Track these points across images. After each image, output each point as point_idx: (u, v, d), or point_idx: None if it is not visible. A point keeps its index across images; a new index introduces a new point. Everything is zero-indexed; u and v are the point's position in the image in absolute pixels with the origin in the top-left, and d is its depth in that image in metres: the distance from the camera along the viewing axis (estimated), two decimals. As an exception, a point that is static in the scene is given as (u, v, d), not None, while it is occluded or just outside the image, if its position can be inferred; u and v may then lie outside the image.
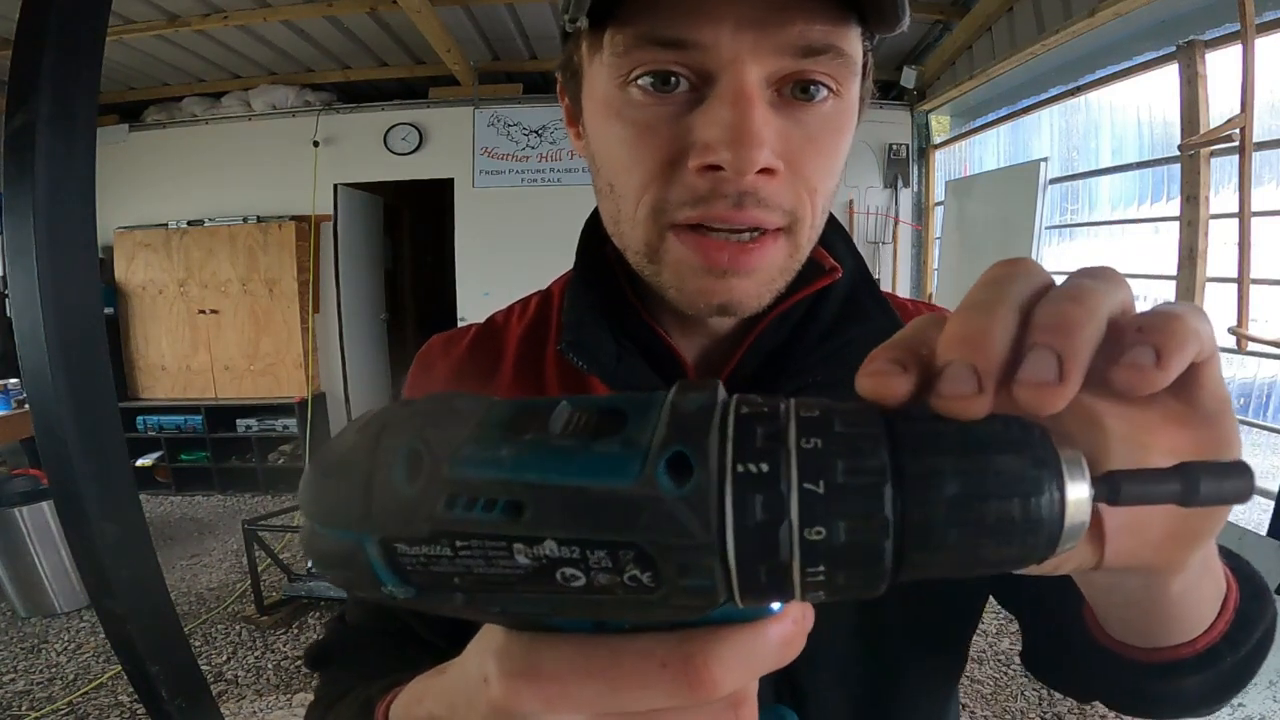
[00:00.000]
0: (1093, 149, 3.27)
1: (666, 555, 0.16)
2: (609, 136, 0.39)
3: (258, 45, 4.12)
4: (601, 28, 0.37)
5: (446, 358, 0.53)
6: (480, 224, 4.59)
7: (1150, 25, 2.65)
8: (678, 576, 0.17)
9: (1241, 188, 2.23)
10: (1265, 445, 2.67)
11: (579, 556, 0.17)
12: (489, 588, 0.18)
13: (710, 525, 0.16)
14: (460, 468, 0.18)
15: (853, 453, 0.16)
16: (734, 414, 0.17)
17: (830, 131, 0.38)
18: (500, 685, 0.20)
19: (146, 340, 4.78)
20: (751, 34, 0.34)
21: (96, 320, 1.03)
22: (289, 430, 4.61)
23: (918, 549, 0.16)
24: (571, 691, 0.20)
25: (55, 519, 2.86)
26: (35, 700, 2.36)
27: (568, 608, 0.18)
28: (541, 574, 0.17)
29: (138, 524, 1.07)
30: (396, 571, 0.19)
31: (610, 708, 0.20)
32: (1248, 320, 2.25)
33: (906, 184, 4.46)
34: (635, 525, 0.16)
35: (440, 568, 0.18)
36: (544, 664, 0.20)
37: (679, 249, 0.39)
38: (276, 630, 2.82)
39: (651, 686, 0.19)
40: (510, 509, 0.17)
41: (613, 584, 0.17)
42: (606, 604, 0.18)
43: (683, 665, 0.19)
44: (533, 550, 0.17)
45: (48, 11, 0.90)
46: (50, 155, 0.92)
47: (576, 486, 0.17)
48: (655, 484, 0.16)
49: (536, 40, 4.17)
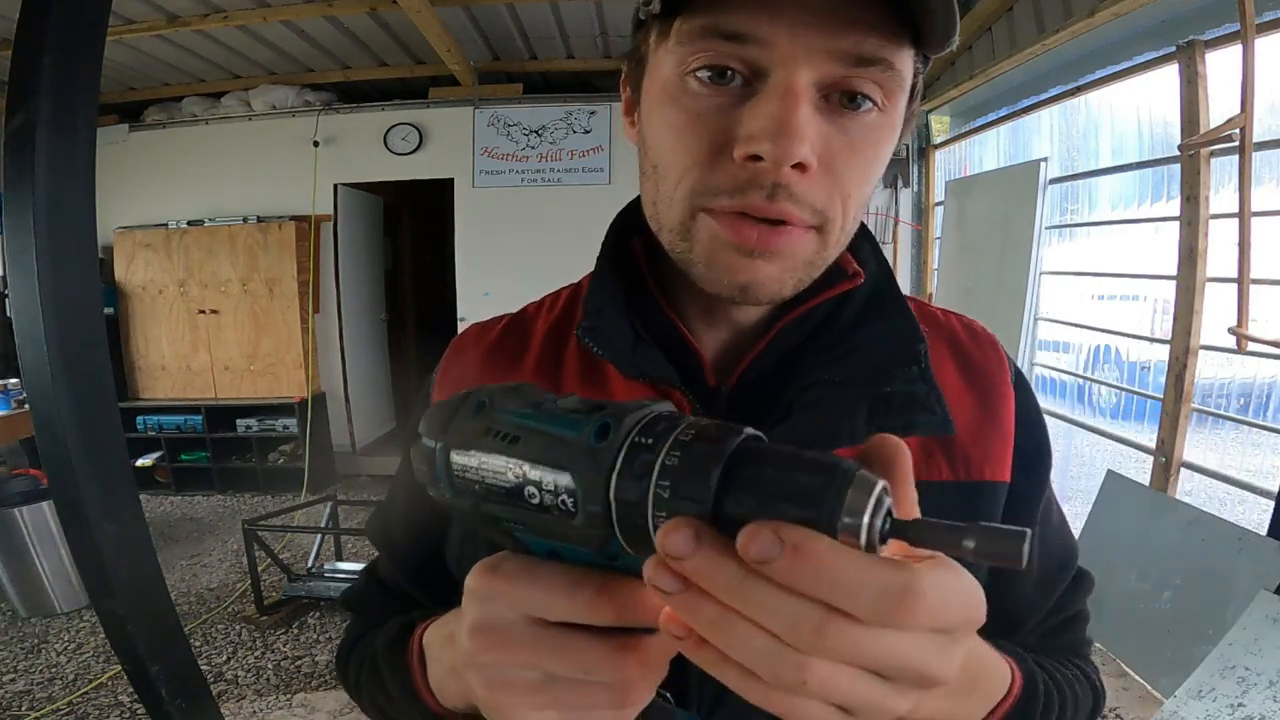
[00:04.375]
0: (1093, 149, 3.26)
1: (581, 483, 0.25)
2: (662, 121, 0.41)
3: (258, 45, 4.12)
4: (671, 18, 0.39)
5: (478, 345, 0.56)
6: (480, 224, 4.59)
7: (1150, 25, 2.65)
8: (585, 501, 0.25)
9: (1241, 188, 2.23)
10: (1265, 445, 2.66)
11: (537, 480, 0.26)
12: (490, 498, 0.27)
13: (606, 467, 0.24)
14: (499, 414, 0.28)
15: (707, 447, 0.23)
16: (651, 415, 0.26)
17: (871, 142, 0.40)
18: (472, 578, 0.30)
19: (146, 340, 4.78)
20: (809, 36, 0.36)
21: (96, 320, 1.03)
22: (289, 430, 4.61)
23: (730, 505, 0.23)
24: (515, 590, 0.28)
25: (55, 519, 2.86)
26: (35, 700, 2.36)
27: (527, 521, 0.27)
28: (517, 491, 0.26)
29: (138, 524, 1.07)
30: (448, 475, 0.29)
31: (536, 609, 0.28)
32: (1248, 320, 2.25)
33: (906, 184, 4.46)
34: (570, 459, 0.25)
35: (467, 476, 0.28)
36: (503, 564, 0.29)
37: (711, 225, 0.40)
38: (276, 630, 2.82)
39: (565, 597, 0.27)
40: (512, 440, 0.27)
41: (551, 505, 0.26)
42: (549, 523, 0.26)
43: (588, 586, 0.27)
44: (517, 469, 0.26)
45: (48, 11, 0.90)
46: (50, 155, 0.92)
47: (548, 431, 0.26)
48: (588, 438, 0.25)
49: (536, 40, 4.17)
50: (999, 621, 0.48)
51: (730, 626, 0.23)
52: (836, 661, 0.22)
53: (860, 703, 0.23)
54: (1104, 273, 3.16)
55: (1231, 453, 2.76)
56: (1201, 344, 2.49)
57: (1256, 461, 2.70)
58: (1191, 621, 2.10)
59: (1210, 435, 2.76)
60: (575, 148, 4.51)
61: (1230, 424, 2.68)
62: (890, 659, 0.22)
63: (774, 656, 0.22)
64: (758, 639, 0.22)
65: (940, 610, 0.22)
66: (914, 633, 0.22)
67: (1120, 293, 3.23)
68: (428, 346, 6.15)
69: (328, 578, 2.94)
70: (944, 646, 0.23)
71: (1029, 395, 0.52)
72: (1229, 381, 2.76)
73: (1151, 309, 3.03)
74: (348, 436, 4.98)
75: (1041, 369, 3.56)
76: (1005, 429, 0.49)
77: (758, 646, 0.22)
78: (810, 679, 0.22)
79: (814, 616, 0.21)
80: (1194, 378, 2.53)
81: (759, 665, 0.23)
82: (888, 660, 0.22)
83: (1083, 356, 3.41)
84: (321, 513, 3.19)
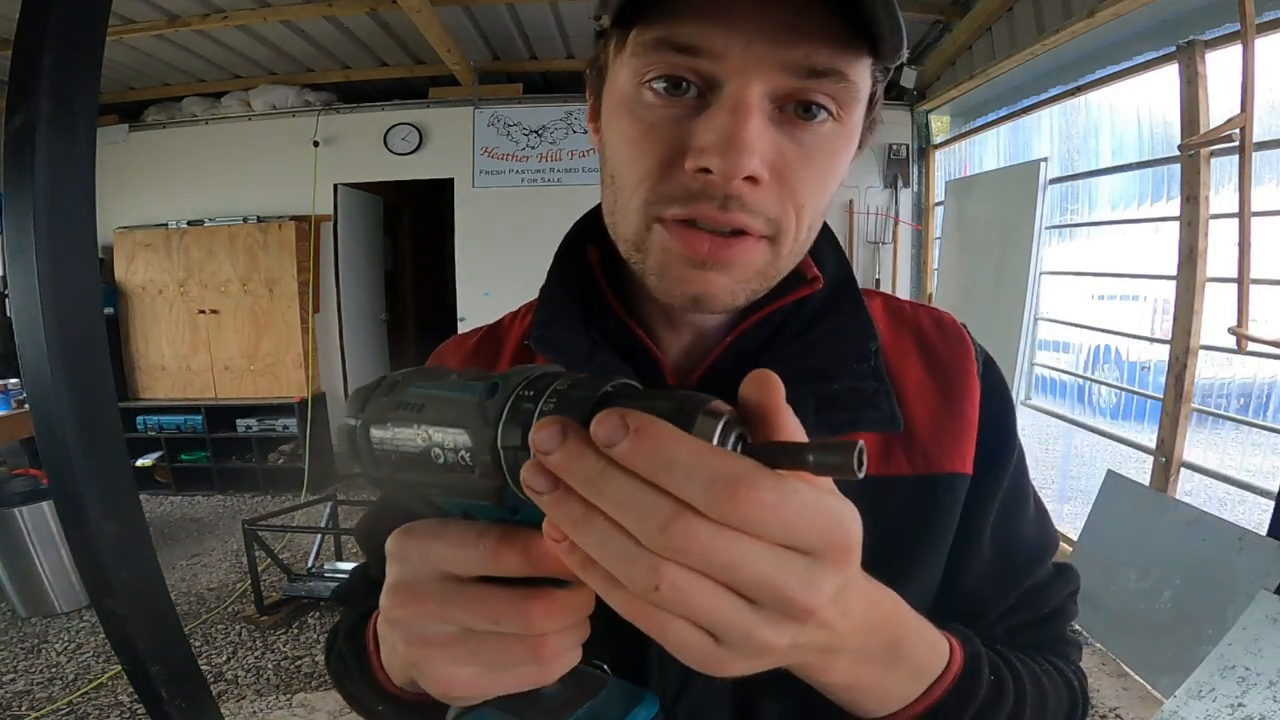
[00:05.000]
0: (1093, 149, 3.26)
1: (474, 436, 0.27)
2: (619, 131, 0.42)
3: (258, 45, 4.12)
4: (627, 30, 0.40)
5: (455, 356, 0.58)
6: (480, 224, 4.59)
7: (1150, 25, 2.65)
8: (478, 453, 0.27)
9: (1241, 188, 2.23)
10: (1265, 445, 2.66)
11: (440, 440, 0.28)
12: (404, 465, 0.30)
13: (493, 419, 0.27)
14: (409, 389, 0.31)
15: (580, 392, 0.26)
16: (536, 374, 0.28)
17: (825, 152, 0.40)
18: (390, 540, 0.32)
19: (146, 340, 4.78)
20: (761, 48, 0.36)
21: (96, 320, 1.03)
22: (289, 430, 4.61)
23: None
24: (426, 547, 0.30)
25: (55, 519, 2.85)
26: (35, 700, 2.36)
27: (436, 481, 0.29)
28: (425, 455, 0.29)
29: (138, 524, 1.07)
30: (366, 450, 0.31)
31: (445, 564, 0.30)
32: (1248, 320, 2.25)
33: (906, 184, 4.47)
34: (464, 417, 0.28)
35: (384, 448, 0.30)
36: (416, 526, 0.31)
37: (664, 238, 0.41)
38: (276, 630, 2.82)
39: (470, 548, 0.29)
40: (418, 409, 0.29)
41: (454, 462, 0.28)
42: (455, 481, 0.28)
43: (490, 536, 0.28)
44: (423, 433, 0.29)
45: (48, 11, 0.90)
46: (50, 155, 0.92)
47: (449, 396, 0.29)
48: (479, 396, 0.28)
49: (536, 40, 4.17)
50: (958, 604, 0.49)
51: (591, 523, 0.23)
52: (687, 569, 0.22)
53: (722, 624, 0.23)
54: (1104, 273, 3.16)
55: (1231, 453, 2.76)
56: (1201, 344, 2.49)
57: (1256, 461, 2.70)
58: (1191, 621, 2.10)
59: (1210, 435, 2.76)
60: (575, 148, 4.51)
61: (1230, 424, 2.68)
62: (742, 570, 0.22)
63: (630, 558, 0.23)
64: (616, 539, 0.23)
65: (791, 521, 0.22)
66: (766, 545, 0.22)
67: (1120, 293, 3.23)
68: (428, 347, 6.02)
69: (328, 578, 2.94)
70: (807, 569, 0.23)
71: (997, 386, 0.52)
72: (1229, 381, 2.76)
73: (1151, 309, 3.03)
74: (348, 436, 4.98)
75: (1041, 369, 3.56)
76: (968, 421, 0.49)
77: (616, 547, 0.23)
78: (663, 583, 0.22)
79: (662, 510, 0.22)
80: (1194, 378, 2.53)
81: (617, 566, 0.23)
82: (740, 572, 0.22)
83: (1083, 356, 3.41)
84: (321, 513, 3.20)
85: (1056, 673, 0.49)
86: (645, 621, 0.24)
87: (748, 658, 0.25)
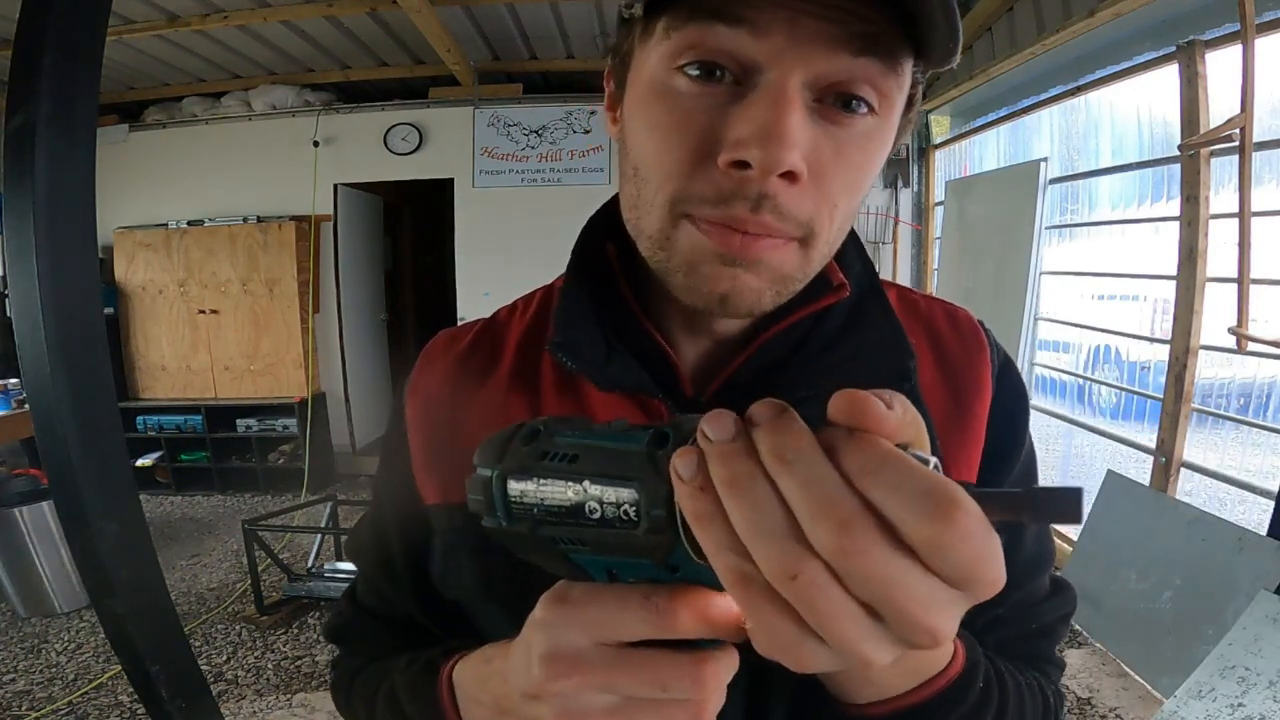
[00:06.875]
0: (1093, 149, 3.26)
1: (644, 490, 0.25)
2: (646, 119, 0.39)
3: (258, 45, 4.12)
4: (656, 16, 0.38)
5: (446, 356, 0.53)
6: (480, 224, 4.59)
7: (1150, 25, 2.64)
8: (649, 507, 0.25)
9: (1241, 188, 2.23)
10: (1265, 445, 2.66)
11: (598, 494, 0.26)
12: (548, 520, 0.28)
13: (668, 471, 0.24)
14: (553, 438, 0.29)
15: None
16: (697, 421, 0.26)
17: (861, 150, 0.38)
18: (540, 609, 0.30)
19: (146, 340, 4.78)
20: (809, 23, 0.34)
21: (96, 320, 1.03)
22: (289, 430, 4.61)
23: None
24: (585, 614, 0.29)
25: (55, 519, 2.86)
26: (35, 700, 2.36)
27: (587, 539, 0.27)
28: (578, 509, 0.27)
29: (138, 524, 1.07)
30: (502, 503, 0.29)
31: (608, 630, 0.28)
32: (1248, 320, 2.25)
33: (906, 184, 4.46)
34: (632, 469, 0.26)
35: (525, 500, 0.28)
36: (570, 591, 0.30)
37: (693, 234, 0.38)
38: (276, 630, 2.82)
39: (638, 610, 0.27)
40: (570, 459, 0.27)
41: (613, 517, 0.26)
42: (611, 538, 0.26)
43: (661, 595, 0.27)
44: (576, 487, 0.27)
45: (48, 11, 0.90)
46: (50, 155, 0.92)
47: (606, 446, 0.27)
48: (646, 446, 0.26)
49: (536, 40, 4.17)
50: None
51: (754, 488, 0.22)
52: (829, 570, 0.21)
53: (836, 632, 0.21)
54: (1104, 273, 3.16)
55: (1231, 453, 2.76)
56: (1201, 344, 2.49)
57: (1256, 461, 2.70)
58: (1191, 621, 2.10)
59: (1210, 435, 2.76)
60: (575, 148, 4.51)
61: (1230, 424, 2.68)
62: (896, 591, 0.20)
63: (779, 536, 0.21)
64: (775, 513, 0.21)
65: (973, 558, 0.20)
66: (925, 571, 0.20)
67: (1120, 293, 3.23)
68: (428, 346, 6.13)
69: (328, 578, 2.94)
70: (953, 602, 0.21)
71: (1013, 390, 0.50)
72: (1229, 381, 2.76)
73: (1151, 309, 3.03)
74: (347, 437, 4.98)
75: (1041, 369, 3.56)
76: (976, 427, 0.48)
77: (771, 520, 0.21)
78: (802, 575, 0.21)
79: (848, 505, 0.20)
80: (1194, 378, 2.53)
81: (762, 540, 0.21)
82: (892, 591, 0.20)
83: (1083, 356, 3.41)
84: (321, 513, 3.20)
85: (1039, 688, 0.48)
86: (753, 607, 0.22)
87: (834, 662, 0.23)
